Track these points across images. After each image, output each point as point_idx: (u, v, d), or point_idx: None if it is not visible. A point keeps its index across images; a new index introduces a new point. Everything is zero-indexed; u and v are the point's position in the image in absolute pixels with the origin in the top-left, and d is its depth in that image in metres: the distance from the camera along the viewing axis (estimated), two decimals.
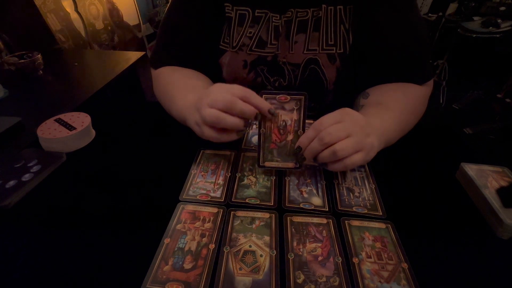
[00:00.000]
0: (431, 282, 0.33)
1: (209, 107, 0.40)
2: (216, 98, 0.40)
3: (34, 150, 0.52)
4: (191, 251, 0.36)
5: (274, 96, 0.43)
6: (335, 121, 0.41)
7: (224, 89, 0.41)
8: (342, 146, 0.39)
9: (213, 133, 0.42)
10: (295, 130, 0.44)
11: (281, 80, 0.63)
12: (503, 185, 0.44)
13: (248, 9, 0.58)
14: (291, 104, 0.43)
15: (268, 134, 0.45)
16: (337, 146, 0.39)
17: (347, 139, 0.39)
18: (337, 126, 0.40)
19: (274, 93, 0.43)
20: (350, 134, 0.39)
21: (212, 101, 0.40)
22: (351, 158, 0.40)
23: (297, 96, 0.43)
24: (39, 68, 0.99)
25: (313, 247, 0.37)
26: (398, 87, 0.57)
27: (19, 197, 0.43)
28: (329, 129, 0.40)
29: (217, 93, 0.41)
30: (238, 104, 0.40)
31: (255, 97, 0.42)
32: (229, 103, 0.39)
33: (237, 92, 0.41)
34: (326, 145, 0.40)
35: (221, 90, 0.41)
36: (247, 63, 0.62)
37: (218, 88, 0.42)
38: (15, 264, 0.35)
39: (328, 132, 0.39)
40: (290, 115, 0.44)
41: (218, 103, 0.40)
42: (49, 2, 1.35)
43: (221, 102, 0.40)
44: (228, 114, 0.40)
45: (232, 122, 0.40)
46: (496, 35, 2.08)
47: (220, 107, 0.40)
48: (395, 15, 0.55)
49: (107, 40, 1.82)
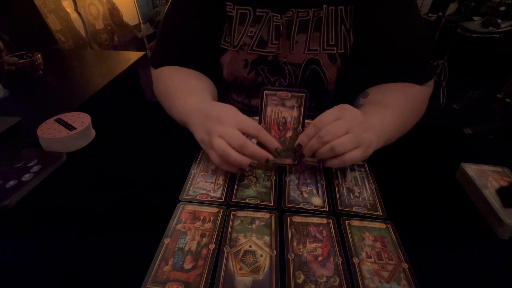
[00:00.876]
0: (431, 282, 0.33)
1: (219, 137, 0.40)
2: (230, 135, 0.40)
3: (34, 150, 0.52)
4: (191, 251, 0.36)
5: (275, 92, 0.43)
6: (334, 118, 0.41)
7: (236, 122, 0.41)
8: (340, 142, 0.39)
9: (217, 160, 0.42)
10: (295, 127, 0.45)
11: (281, 80, 0.63)
12: (503, 185, 0.44)
13: (249, 8, 0.58)
14: (292, 101, 0.44)
15: (267, 130, 0.45)
16: (336, 142, 0.39)
17: (346, 135, 0.40)
18: (336, 124, 0.40)
19: (276, 89, 0.43)
20: (349, 131, 0.40)
21: (223, 134, 0.40)
22: (350, 154, 0.40)
23: (298, 93, 0.43)
24: (39, 68, 0.99)
25: (313, 247, 0.37)
26: (398, 87, 0.57)
27: (19, 197, 0.43)
28: (328, 127, 0.40)
29: (229, 125, 0.41)
30: (249, 148, 0.40)
31: (265, 135, 0.42)
32: (241, 146, 0.40)
33: (248, 130, 0.41)
34: (326, 143, 0.40)
35: (233, 121, 0.41)
36: (248, 63, 0.62)
37: (230, 118, 0.42)
38: (15, 264, 0.35)
39: (328, 131, 0.40)
40: (290, 112, 0.44)
41: (230, 140, 0.40)
42: (49, 2, 1.35)
43: (234, 142, 0.40)
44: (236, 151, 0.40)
45: (238, 160, 0.40)
46: (496, 35, 2.09)
47: (232, 145, 0.40)
48: (396, 15, 0.55)
49: (107, 40, 1.82)
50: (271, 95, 0.43)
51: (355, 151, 0.40)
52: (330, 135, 0.39)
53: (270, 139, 0.43)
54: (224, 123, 0.41)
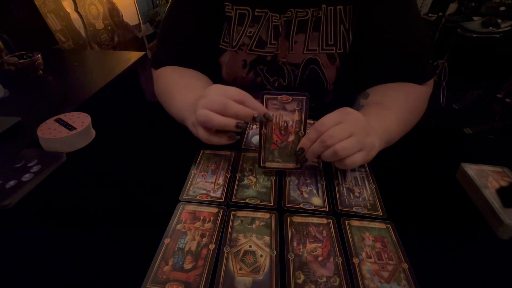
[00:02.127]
0: (431, 282, 0.33)
1: (203, 108, 0.41)
2: (211, 100, 0.40)
3: (34, 150, 0.52)
4: (191, 251, 0.36)
5: (275, 96, 0.43)
6: (336, 122, 0.41)
7: (220, 91, 0.42)
8: (343, 146, 0.39)
9: (205, 134, 0.42)
10: (296, 131, 0.44)
11: (280, 80, 0.63)
12: (503, 185, 0.44)
13: (248, 9, 0.58)
14: (293, 104, 0.43)
15: (269, 135, 0.45)
16: (338, 146, 0.39)
17: (348, 139, 0.39)
18: (338, 128, 0.40)
19: (276, 93, 0.43)
20: (351, 134, 0.40)
21: (206, 103, 0.41)
22: (352, 157, 0.40)
23: (299, 97, 0.43)
24: (39, 68, 0.99)
25: (313, 247, 0.37)
26: (398, 87, 0.57)
27: (19, 197, 0.43)
28: (331, 131, 0.40)
29: (213, 94, 0.41)
30: (232, 107, 0.40)
31: (251, 100, 0.42)
32: (223, 105, 0.40)
33: (232, 95, 0.41)
34: (328, 147, 0.40)
35: (217, 92, 0.42)
36: (247, 63, 0.62)
37: (215, 90, 0.42)
38: (15, 264, 0.35)
39: (330, 135, 0.39)
40: (291, 115, 0.44)
41: (212, 104, 0.40)
42: (49, 2, 1.35)
43: (215, 104, 0.40)
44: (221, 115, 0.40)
45: (222, 121, 0.40)
46: (496, 35, 2.08)
47: (214, 109, 0.40)
48: (395, 15, 0.55)
49: (107, 40, 1.82)
50: (272, 99, 0.43)
51: (357, 155, 0.40)
52: (333, 139, 0.39)
53: (257, 104, 0.42)
54: (207, 95, 0.41)
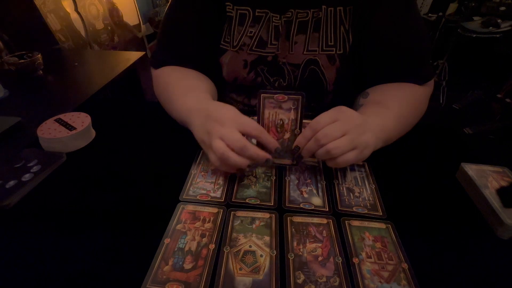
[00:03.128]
0: (431, 282, 0.33)
1: (220, 139, 0.40)
2: (230, 136, 0.40)
3: (34, 150, 0.52)
4: (191, 251, 0.36)
5: (272, 95, 0.44)
6: (331, 120, 0.41)
7: (237, 124, 0.41)
8: (336, 145, 0.39)
9: (217, 161, 0.42)
10: (292, 129, 0.45)
11: (281, 80, 0.63)
12: (503, 185, 0.44)
13: (249, 9, 0.58)
14: (289, 103, 0.44)
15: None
16: (331, 145, 0.39)
17: (341, 138, 0.40)
18: (332, 126, 0.40)
19: (272, 92, 0.44)
20: (345, 133, 0.40)
21: (224, 136, 0.40)
22: (344, 156, 0.40)
23: (295, 96, 0.43)
24: (39, 68, 0.99)
25: (313, 247, 0.37)
26: (398, 87, 0.57)
27: (19, 197, 0.43)
28: (325, 129, 0.40)
29: (231, 126, 0.41)
30: (249, 150, 0.40)
31: (265, 136, 0.42)
32: (241, 148, 0.40)
33: (249, 131, 0.41)
34: (322, 146, 0.40)
35: (234, 123, 0.41)
36: (247, 63, 0.62)
37: (231, 120, 0.42)
38: (15, 264, 0.35)
39: (324, 133, 0.40)
40: (287, 114, 0.44)
41: (230, 142, 0.40)
42: (49, 2, 1.36)
43: (234, 144, 0.40)
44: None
45: (237, 162, 0.40)
46: (496, 35, 2.08)
47: (232, 147, 0.40)
48: (395, 16, 0.55)
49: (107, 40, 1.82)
50: (268, 98, 0.44)
51: (350, 153, 0.40)
52: (327, 137, 0.40)
53: (271, 140, 0.43)
54: (225, 124, 0.41)
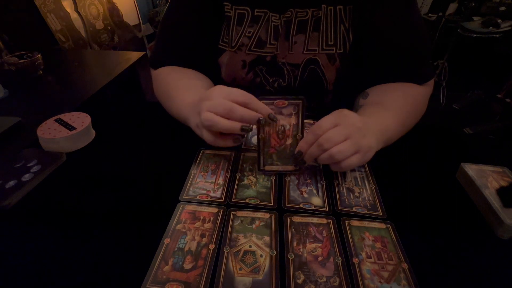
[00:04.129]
0: (431, 282, 0.33)
1: (207, 110, 0.41)
2: (216, 103, 0.40)
3: (34, 150, 0.52)
4: (191, 251, 0.36)
5: (271, 101, 0.43)
6: (332, 124, 0.41)
7: (224, 93, 0.41)
8: (339, 150, 0.39)
9: (210, 136, 0.42)
10: (294, 134, 0.45)
11: (280, 80, 0.63)
12: (503, 185, 0.44)
13: (247, 9, 0.58)
14: (289, 109, 0.43)
15: (267, 139, 0.45)
16: (334, 149, 0.39)
17: (344, 143, 0.40)
18: (334, 131, 0.40)
19: (272, 98, 0.43)
20: (348, 137, 0.40)
21: (211, 106, 0.41)
22: (348, 160, 0.40)
23: (295, 100, 0.43)
24: (39, 68, 0.99)
25: (313, 247, 0.37)
26: (398, 87, 0.57)
27: (19, 197, 0.43)
28: (327, 134, 0.40)
29: (217, 97, 0.41)
30: (237, 110, 0.40)
31: (255, 102, 0.42)
32: (228, 109, 0.40)
33: (236, 97, 0.41)
34: (325, 151, 0.40)
35: (221, 94, 0.42)
36: (246, 63, 0.62)
37: (218, 92, 0.42)
38: (15, 264, 0.35)
39: (326, 138, 0.40)
40: (288, 119, 0.44)
41: (217, 108, 0.40)
42: (49, 2, 1.36)
43: (220, 107, 0.40)
44: (226, 118, 0.40)
45: (227, 125, 0.40)
46: (496, 35, 2.08)
47: (219, 112, 0.40)
48: (395, 15, 0.55)
49: (107, 40, 1.82)
50: (268, 104, 0.43)
51: (353, 157, 0.40)
52: (329, 142, 0.40)
53: (262, 105, 0.42)
54: (212, 97, 0.41)
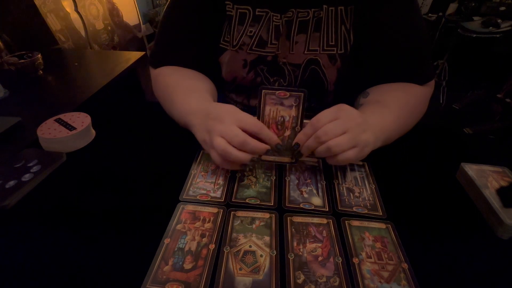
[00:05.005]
0: (431, 282, 0.33)
1: (220, 136, 0.41)
2: (230, 133, 0.40)
3: (34, 150, 0.52)
4: (191, 251, 0.36)
5: (273, 92, 0.43)
6: (331, 118, 0.41)
7: (237, 120, 0.41)
8: (336, 142, 0.39)
9: (219, 159, 0.42)
10: (293, 126, 0.45)
11: (281, 80, 0.63)
12: (503, 185, 0.44)
13: (249, 8, 0.58)
14: (290, 100, 0.44)
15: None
16: (332, 142, 0.40)
17: (342, 136, 0.40)
18: (333, 124, 0.40)
19: (274, 89, 0.43)
20: (346, 131, 0.40)
21: (224, 133, 0.41)
22: (345, 154, 0.40)
23: (297, 93, 0.43)
24: (39, 68, 0.99)
25: (313, 247, 0.37)
26: (398, 86, 0.57)
27: (19, 197, 0.43)
28: (325, 127, 0.40)
29: (230, 123, 0.41)
30: (250, 144, 0.40)
31: (265, 132, 0.42)
32: (241, 143, 0.40)
33: (248, 127, 0.41)
34: (323, 143, 0.40)
35: (234, 119, 0.41)
36: (247, 63, 0.62)
37: (231, 117, 0.42)
38: (15, 264, 0.35)
39: (324, 131, 0.40)
40: (288, 111, 0.44)
41: (230, 139, 0.40)
42: (49, 2, 1.35)
43: (234, 139, 0.40)
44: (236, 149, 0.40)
45: (239, 157, 0.40)
46: (496, 35, 2.08)
47: (232, 143, 0.40)
48: (396, 16, 0.55)
49: (107, 40, 1.82)
50: (270, 94, 0.43)
51: (350, 151, 0.40)
52: (327, 135, 0.40)
53: (271, 136, 0.43)
54: (224, 121, 0.41)
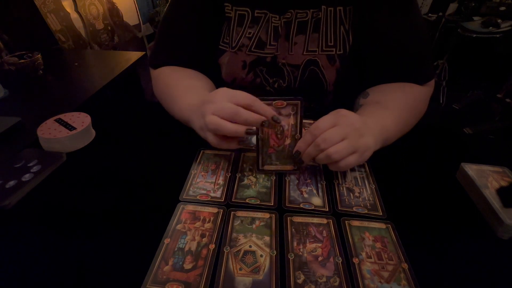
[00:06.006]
0: (431, 282, 0.33)
1: (212, 114, 0.41)
2: (221, 107, 0.40)
3: (34, 150, 0.52)
4: (191, 251, 0.36)
5: (270, 102, 0.43)
6: (330, 124, 0.41)
7: (228, 96, 0.41)
8: (336, 150, 0.39)
9: (215, 139, 0.42)
10: (293, 134, 0.45)
11: (280, 81, 0.63)
12: (503, 185, 0.44)
13: (248, 9, 0.58)
14: (288, 109, 0.44)
15: (266, 139, 0.45)
16: (331, 149, 0.39)
17: (341, 143, 0.40)
18: (332, 131, 0.40)
19: (270, 99, 0.43)
20: (345, 137, 0.40)
21: (215, 109, 0.41)
22: (345, 160, 0.40)
23: (293, 101, 0.43)
24: (39, 68, 0.99)
25: (313, 247, 0.37)
26: (398, 87, 0.57)
27: (19, 197, 0.43)
28: (324, 135, 0.40)
29: (221, 100, 0.41)
30: (242, 114, 0.40)
31: (259, 104, 0.42)
32: (233, 113, 0.40)
33: (240, 100, 0.41)
34: (322, 151, 0.40)
35: (225, 97, 0.41)
36: (246, 64, 0.62)
37: (222, 94, 0.42)
38: (15, 264, 0.35)
39: (323, 139, 0.40)
40: (287, 120, 0.44)
41: (222, 111, 0.40)
42: (49, 2, 1.36)
43: (225, 111, 0.40)
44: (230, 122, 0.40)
45: (232, 129, 0.40)
46: (496, 35, 2.08)
47: (224, 116, 0.40)
48: (396, 16, 0.55)
49: (107, 40, 1.82)
50: (267, 105, 0.43)
51: (351, 157, 0.40)
52: (326, 142, 0.40)
53: (265, 108, 0.42)
54: (216, 101, 0.41)
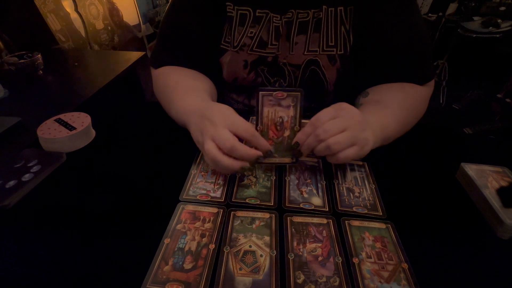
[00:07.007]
0: (431, 282, 0.33)
1: (211, 140, 0.40)
2: (220, 136, 0.40)
3: (34, 150, 0.52)
4: (191, 251, 0.36)
5: (270, 92, 0.43)
6: (331, 116, 0.41)
7: (229, 123, 0.41)
8: (336, 140, 0.39)
9: (211, 163, 0.42)
10: (292, 126, 0.45)
11: (281, 81, 0.63)
12: (503, 185, 0.44)
13: (249, 9, 0.58)
14: (288, 100, 0.44)
15: (265, 131, 0.45)
16: (331, 140, 0.40)
17: (341, 134, 0.40)
18: (332, 122, 0.40)
19: (271, 89, 0.43)
20: (345, 129, 0.40)
21: (214, 136, 0.40)
22: (345, 152, 0.40)
23: (293, 92, 0.43)
24: (39, 68, 0.99)
25: (313, 247, 0.37)
26: (398, 86, 0.57)
27: (19, 197, 0.43)
28: (325, 125, 0.40)
29: (222, 126, 0.40)
30: (239, 150, 0.40)
31: (257, 139, 0.42)
32: (230, 148, 0.39)
33: (240, 133, 0.41)
34: (322, 141, 0.40)
35: (226, 121, 0.41)
36: (248, 63, 0.62)
37: (223, 118, 0.41)
38: (15, 264, 0.35)
39: (324, 129, 0.40)
40: (286, 111, 0.44)
41: (220, 142, 0.40)
42: (49, 2, 1.35)
43: (223, 144, 0.39)
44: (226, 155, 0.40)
45: (227, 164, 0.40)
46: (496, 35, 2.08)
47: (221, 147, 0.40)
48: (396, 16, 0.55)
49: (107, 40, 1.82)
50: (267, 95, 0.43)
51: (350, 149, 0.40)
52: (326, 133, 0.40)
53: (262, 143, 0.42)
54: (216, 124, 0.41)
